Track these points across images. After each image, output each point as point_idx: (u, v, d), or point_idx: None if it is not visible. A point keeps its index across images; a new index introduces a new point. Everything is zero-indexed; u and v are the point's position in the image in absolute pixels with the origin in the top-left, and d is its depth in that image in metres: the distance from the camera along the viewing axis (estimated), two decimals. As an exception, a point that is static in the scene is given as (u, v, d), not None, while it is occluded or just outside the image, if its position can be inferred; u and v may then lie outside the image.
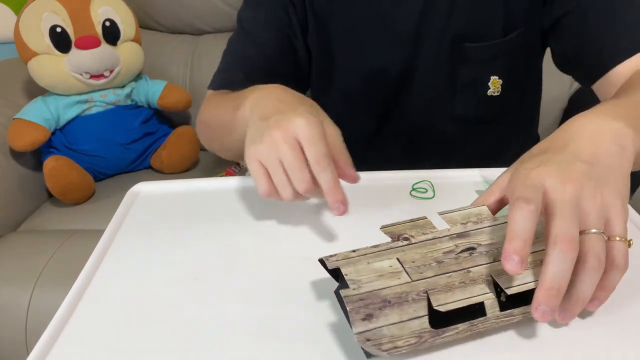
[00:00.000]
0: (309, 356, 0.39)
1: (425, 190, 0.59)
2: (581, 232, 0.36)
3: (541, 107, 0.87)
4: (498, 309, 0.37)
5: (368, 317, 0.36)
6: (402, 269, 0.39)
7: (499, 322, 0.38)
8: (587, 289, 0.36)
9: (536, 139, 0.89)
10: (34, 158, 1.26)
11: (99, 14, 1.23)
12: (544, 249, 0.36)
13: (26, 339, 0.96)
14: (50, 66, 1.20)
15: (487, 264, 0.39)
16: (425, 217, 0.44)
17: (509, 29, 0.69)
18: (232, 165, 1.35)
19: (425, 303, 0.37)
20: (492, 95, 0.73)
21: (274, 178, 0.48)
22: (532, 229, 0.35)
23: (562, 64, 0.71)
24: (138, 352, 0.40)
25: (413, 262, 0.39)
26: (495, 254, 0.40)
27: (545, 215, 0.37)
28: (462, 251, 0.40)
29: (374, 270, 0.39)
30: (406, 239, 0.41)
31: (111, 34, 1.25)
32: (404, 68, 0.73)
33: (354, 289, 0.37)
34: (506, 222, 0.37)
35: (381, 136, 0.81)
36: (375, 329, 0.35)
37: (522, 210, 0.35)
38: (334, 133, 0.50)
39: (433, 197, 0.58)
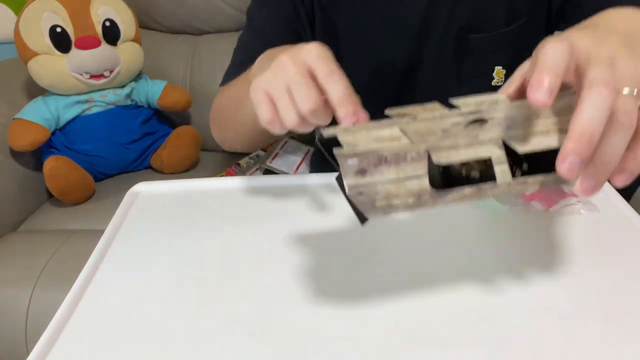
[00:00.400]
0: (309, 356, 0.39)
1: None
2: None
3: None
4: (510, 175, 0.34)
5: (361, 171, 0.33)
6: (403, 135, 0.35)
7: (510, 190, 0.34)
8: (615, 150, 0.31)
9: None
10: (34, 158, 1.26)
11: (99, 14, 1.23)
12: (568, 119, 0.32)
13: (26, 339, 0.96)
14: (50, 66, 1.20)
15: (498, 131, 0.35)
16: (435, 102, 0.40)
17: (512, 18, 0.69)
18: (232, 165, 1.35)
19: (425, 163, 0.34)
20: (496, 85, 0.73)
21: (278, 104, 0.45)
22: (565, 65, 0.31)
23: None
24: (138, 352, 0.40)
25: (417, 130, 0.36)
26: (510, 124, 0.35)
27: (577, 74, 0.33)
28: (471, 122, 0.36)
29: (372, 136, 0.35)
30: (412, 116, 0.38)
31: (111, 34, 1.25)
32: (410, 62, 0.74)
33: (348, 149, 0.34)
34: (527, 102, 0.33)
35: None
36: (369, 184, 0.33)
37: (556, 44, 0.32)
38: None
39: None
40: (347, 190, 0.33)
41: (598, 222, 0.53)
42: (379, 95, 0.78)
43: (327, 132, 0.36)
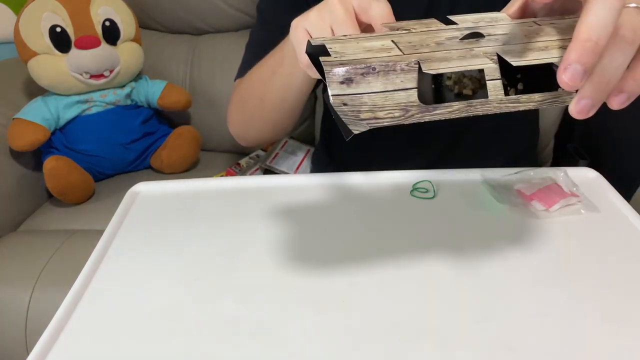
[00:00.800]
0: (309, 356, 0.39)
1: (425, 190, 0.59)
2: None
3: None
4: (503, 91, 0.33)
5: (347, 81, 0.32)
6: (394, 47, 0.34)
7: (502, 107, 0.33)
8: (617, 66, 0.30)
9: (537, 130, 0.90)
10: (34, 158, 1.26)
11: (99, 14, 1.23)
12: (569, 37, 0.31)
13: (26, 339, 0.96)
14: (50, 66, 1.20)
15: (495, 46, 0.34)
16: (432, 19, 0.40)
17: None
18: (232, 165, 1.35)
19: (415, 75, 0.32)
20: None
21: None
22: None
23: None
24: (138, 352, 0.40)
25: (409, 42, 0.35)
26: (507, 40, 0.34)
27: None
28: (467, 36, 0.35)
29: (363, 47, 0.34)
30: (406, 30, 0.37)
31: (111, 34, 1.25)
32: None
33: (335, 57, 0.33)
34: (528, 21, 0.33)
35: (388, 131, 0.82)
36: (354, 94, 0.32)
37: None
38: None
39: (434, 197, 0.58)
40: (330, 100, 0.32)
41: (598, 222, 0.53)
42: None
43: (315, 41, 0.35)
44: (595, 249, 0.49)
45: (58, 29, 1.19)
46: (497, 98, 0.33)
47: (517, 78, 0.34)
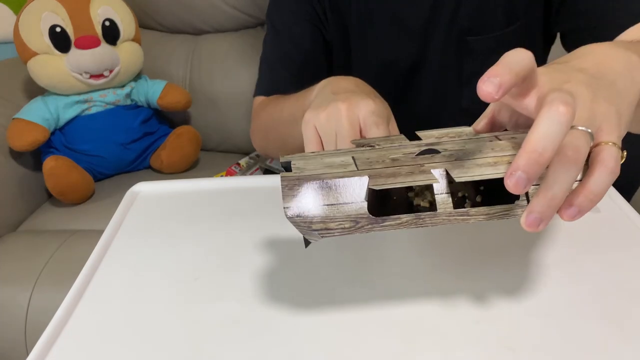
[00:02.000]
0: (309, 356, 0.39)
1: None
2: None
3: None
4: (451, 205, 0.34)
5: (299, 194, 0.34)
6: (352, 163, 0.36)
7: (451, 220, 0.35)
8: (561, 183, 0.31)
9: None
10: (34, 158, 1.26)
11: (98, 14, 1.23)
12: (512, 155, 0.33)
13: (26, 339, 0.96)
14: (49, 66, 1.20)
15: (446, 162, 0.35)
16: (401, 134, 0.41)
17: (510, 20, 0.70)
18: (232, 165, 1.34)
19: (365, 189, 0.34)
20: None
21: (325, 147, 0.47)
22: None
23: (569, 46, 0.70)
24: (138, 352, 0.40)
25: (367, 159, 0.37)
26: (461, 156, 0.35)
27: (537, 106, 0.32)
28: (423, 152, 0.37)
29: (324, 163, 0.36)
30: (371, 145, 0.39)
31: (111, 33, 1.25)
32: (414, 62, 0.75)
33: (294, 173, 0.35)
34: (489, 136, 0.34)
35: None
36: (304, 206, 0.34)
37: (521, 51, 0.31)
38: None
39: (433, 197, 0.58)
40: (285, 212, 0.34)
41: (598, 222, 0.53)
42: (384, 92, 0.79)
43: (284, 158, 0.37)
44: (595, 249, 0.49)
45: (58, 29, 1.19)
46: (445, 211, 0.35)
47: (479, 191, 0.35)
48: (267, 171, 1.27)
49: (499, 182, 0.32)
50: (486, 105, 0.80)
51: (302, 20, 0.77)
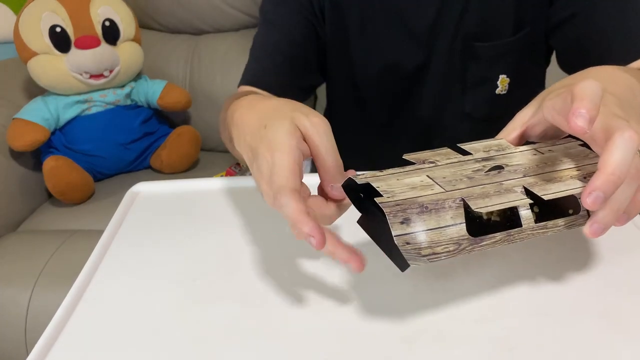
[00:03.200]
0: (309, 356, 0.39)
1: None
2: None
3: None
4: (533, 220, 0.37)
5: (406, 220, 0.35)
6: (433, 182, 0.38)
7: (534, 234, 0.37)
8: (625, 196, 0.35)
9: None
10: (34, 158, 1.26)
11: (98, 14, 1.23)
12: (572, 167, 0.37)
13: (26, 339, 0.96)
14: (49, 66, 1.20)
15: (518, 178, 0.38)
16: (446, 147, 0.44)
17: (517, 28, 0.70)
18: (232, 165, 1.34)
19: (462, 211, 0.36)
20: (500, 93, 0.74)
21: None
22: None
23: (566, 64, 0.71)
24: (137, 352, 0.40)
25: (444, 177, 0.38)
26: (525, 171, 0.39)
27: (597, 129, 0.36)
28: (490, 169, 0.39)
29: (405, 184, 0.37)
30: (432, 162, 0.41)
31: (111, 33, 1.25)
32: (418, 64, 0.74)
33: (388, 197, 0.36)
34: (530, 149, 0.38)
35: (391, 131, 0.82)
36: (413, 233, 0.34)
37: (591, 81, 0.34)
38: (319, 127, 0.41)
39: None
40: (395, 241, 0.34)
41: (598, 222, 0.53)
42: (386, 94, 0.79)
43: (360, 180, 0.38)
44: (595, 249, 0.49)
45: (58, 29, 1.19)
46: (529, 226, 0.37)
47: (534, 202, 0.38)
48: (267, 171, 1.27)
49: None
50: (487, 110, 0.79)
51: (295, 14, 0.76)
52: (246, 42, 1.42)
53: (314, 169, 1.08)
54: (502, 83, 0.73)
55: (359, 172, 0.39)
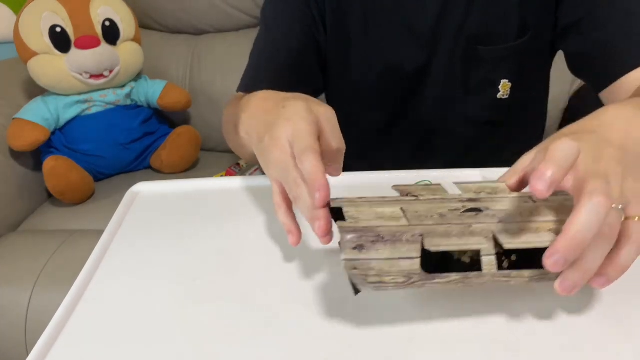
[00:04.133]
0: (310, 356, 0.39)
1: (425, 190, 0.59)
2: None
3: (543, 108, 0.87)
4: (496, 267, 0.36)
5: (359, 247, 0.36)
6: (402, 216, 0.38)
7: (495, 281, 0.37)
8: (596, 259, 0.34)
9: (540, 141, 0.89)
10: (34, 158, 1.26)
11: (98, 14, 1.23)
12: (558, 219, 0.36)
13: (26, 339, 0.96)
14: (50, 66, 1.20)
15: (490, 223, 0.38)
16: (439, 184, 0.44)
17: (521, 32, 0.70)
18: (232, 165, 1.35)
19: (419, 246, 0.36)
20: (501, 98, 0.74)
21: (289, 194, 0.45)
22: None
23: (574, 68, 0.71)
24: (137, 352, 0.40)
25: (416, 212, 0.39)
26: (503, 218, 0.38)
27: (576, 189, 0.36)
28: (467, 210, 0.39)
29: (375, 213, 0.38)
30: (415, 196, 0.41)
31: (111, 33, 1.25)
32: (420, 66, 0.74)
33: (350, 223, 0.37)
34: (524, 196, 0.37)
35: (392, 134, 0.82)
36: (364, 259, 0.36)
37: (567, 142, 0.34)
38: (327, 114, 0.45)
39: (433, 197, 0.58)
40: (343, 264, 0.36)
41: (598, 222, 0.53)
42: (387, 97, 0.79)
43: (334, 203, 0.39)
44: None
45: (58, 29, 1.19)
46: (490, 272, 0.36)
47: (511, 250, 0.37)
48: (267, 171, 1.27)
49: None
50: (489, 114, 0.79)
51: (294, 20, 0.75)
52: (246, 42, 1.42)
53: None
54: (504, 87, 0.73)
55: (339, 197, 0.40)
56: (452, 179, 0.61)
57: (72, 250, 1.03)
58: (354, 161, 0.86)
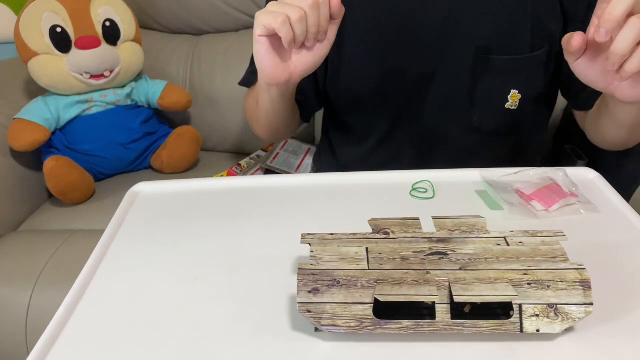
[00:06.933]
0: (310, 355, 0.39)
1: (425, 191, 0.59)
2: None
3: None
4: (449, 316, 0.37)
5: (314, 290, 0.37)
6: (364, 258, 0.40)
7: (448, 330, 0.37)
8: (627, 39, 0.43)
9: (541, 153, 0.89)
10: (34, 158, 1.26)
11: (99, 14, 1.23)
12: (523, 269, 0.38)
13: (26, 339, 0.96)
14: (50, 66, 1.20)
15: (450, 270, 0.39)
16: (417, 218, 0.44)
17: (536, 45, 0.69)
18: (234, 165, 1.35)
19: (373, 292, 0.37)
20: (509, 108, 0.73)
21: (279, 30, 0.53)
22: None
23: (561, 88, 0.74)
24: (138, 352, 0.40)
25: (379, 254, 0.40)
26: (464, 264, 0.39)
27: None
28: (432, 254, 0.40)
29: (339, 253, 0.40)
30: (386, 233, 0.42)
31: (111, 34, 1.25)
32: (423, 72, 0.73)
33: (311, 265, 0.39)
34: (500, 237, 0.39)
35: (393, 140, 0.81)
36: (318, 303, 0.37)
37: None
38: None
39: (433, 197, 0.58)
40: (297, 307, 0.37)
41: (598, 222, 0.53)
42: (387, 102, 0.78)
43: (304, 240, 0.42)
44: (595, 249, 0.49)
45: (58, 29, 1.19)
46: (443, 321, 0.37)
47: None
48: (268, 171, 1.27)
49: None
50: (495, 124, 0.79)
51: None
52: (246, 42, 1.42)
53: (314, 170, 1.09)
54: (513, 98, 0.72)
55: (310, 233, 0.43)
56: (451, 179, 0.61)
57: (72, 250, 1.03)
58: (355, 167, 0.86)
